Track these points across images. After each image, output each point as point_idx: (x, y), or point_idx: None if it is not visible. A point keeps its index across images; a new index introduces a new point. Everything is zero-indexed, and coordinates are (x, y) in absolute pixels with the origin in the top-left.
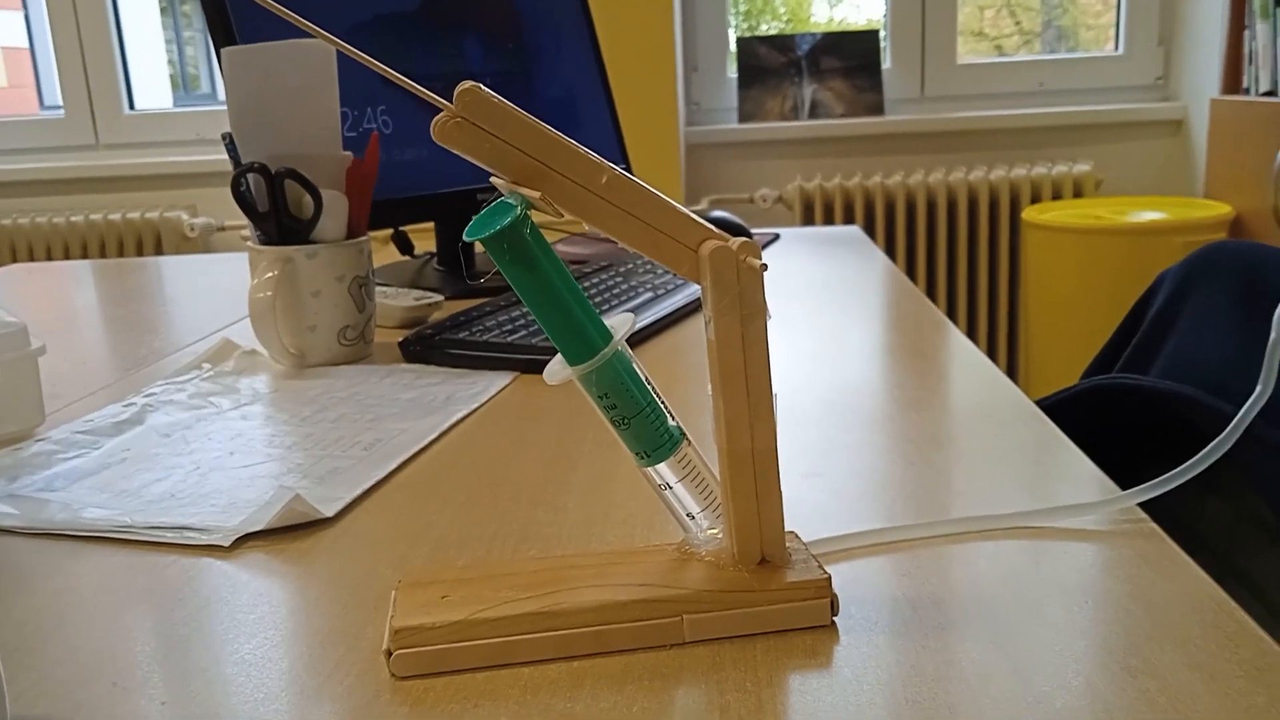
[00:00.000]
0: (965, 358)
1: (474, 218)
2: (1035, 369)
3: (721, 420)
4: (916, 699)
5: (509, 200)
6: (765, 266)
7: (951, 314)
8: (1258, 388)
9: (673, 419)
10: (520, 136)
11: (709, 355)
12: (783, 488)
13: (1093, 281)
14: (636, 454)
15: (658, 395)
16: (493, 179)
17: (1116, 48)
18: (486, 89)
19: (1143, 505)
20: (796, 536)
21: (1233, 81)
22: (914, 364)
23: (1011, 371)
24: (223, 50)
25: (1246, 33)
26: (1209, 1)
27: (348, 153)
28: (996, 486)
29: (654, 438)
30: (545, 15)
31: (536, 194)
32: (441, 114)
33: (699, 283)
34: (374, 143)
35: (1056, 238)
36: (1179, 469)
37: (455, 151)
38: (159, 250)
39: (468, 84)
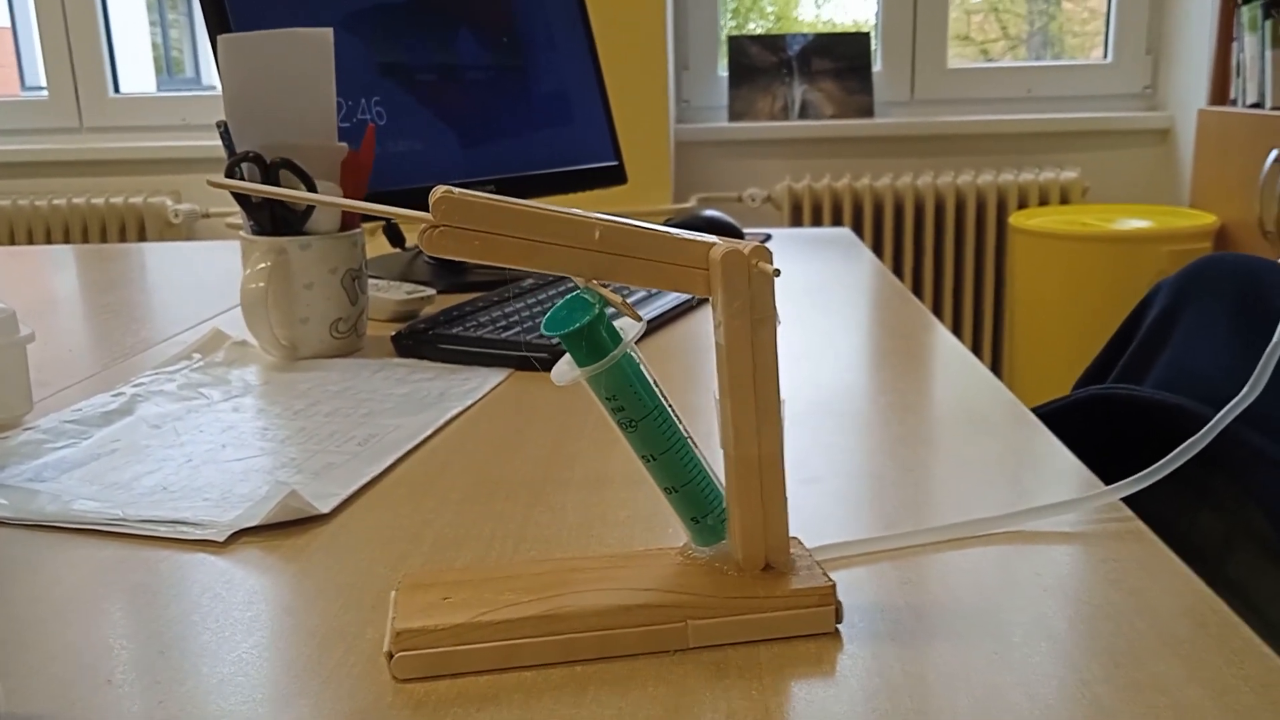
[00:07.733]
0: (955, 359)
1: (551, 310)
2: (1020, 373)
3: (729, 425)
4: (923, 710)
5: (585, 296)
6: (778, 272)
7: (938, 317)
8: (1244, 388)
9: (680, 423)
10: (504, 224)
11: (717, 359)
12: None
13: (1078, 288)
14: (643, 457)
15: (666, 400)
16: (570, 274)
17: (1105, 56)
18: (459, 190)
19: (1135, 514)
20: (800, 543)
21: (1220, 92)
22: (905, 366)
23: (996, 375)
24: (219, 37)
25: (1235, 44)
26: (1198, 12)
27: (343, 144)
28: (990, 488)
29: (661, 441)
30: (539, 8)
31: (619, 299)
32: (424, 227)
33: (709, 294)
34: (370, 134)
35: (1043, 243)
36: (1159, 463)
37: (447, 257)
38: (142, 236)
39: (439, 190)
